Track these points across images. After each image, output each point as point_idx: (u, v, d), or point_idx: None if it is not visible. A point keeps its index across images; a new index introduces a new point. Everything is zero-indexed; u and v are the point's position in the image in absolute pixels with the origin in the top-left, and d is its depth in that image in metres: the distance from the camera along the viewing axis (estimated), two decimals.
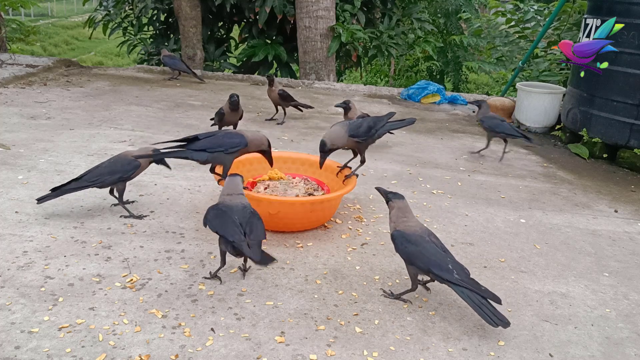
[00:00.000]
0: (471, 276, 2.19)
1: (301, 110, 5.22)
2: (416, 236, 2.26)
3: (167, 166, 3.00)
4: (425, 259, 2.20)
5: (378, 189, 2.56)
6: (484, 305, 2.10)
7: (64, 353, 1.88)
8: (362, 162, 3.24)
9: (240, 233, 2.21)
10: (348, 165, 3.20)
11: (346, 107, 4.31)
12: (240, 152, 2.93)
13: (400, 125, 3.56)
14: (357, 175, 3.13)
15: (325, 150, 3.06)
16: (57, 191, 2.82)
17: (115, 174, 2.83)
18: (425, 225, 2.41)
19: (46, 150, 3.83)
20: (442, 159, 4.39)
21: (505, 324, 2.07)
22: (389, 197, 2.44)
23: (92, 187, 2.86)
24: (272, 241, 2.78)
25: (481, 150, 4.53)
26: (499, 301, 2.12)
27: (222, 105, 4.31)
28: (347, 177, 3.12)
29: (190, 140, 2.89)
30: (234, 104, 4.16)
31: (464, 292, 2.12)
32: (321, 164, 3.12)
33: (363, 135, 3.16)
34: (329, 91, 6.79)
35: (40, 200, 2.80)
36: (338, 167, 3.21)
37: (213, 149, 2.84)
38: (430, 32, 9.65)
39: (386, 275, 2.55)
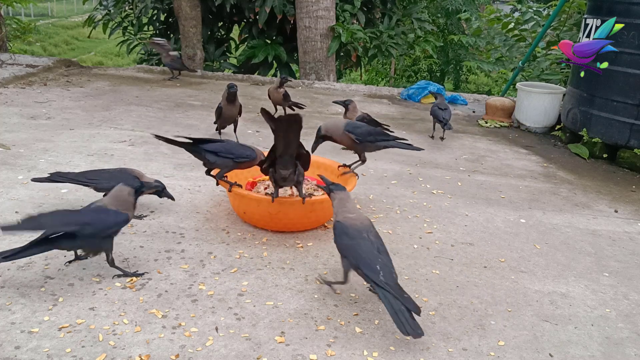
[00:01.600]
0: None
1: (293, 109, 5.22)
2: (354, 230, 2.22)
3: (171, 197, 2.96)
4: (356, 254, 2.15)
5: (321, 176, 2.57)
6: (402, 312, 1.99)
7: (64, 353, 1.88)
8: (363, 161, 3.22)
9: None
10: (350, 165, 3.21)
11: (345, 105, 4.29)
12: (247, 164, 2.94)
13: (406, 148, 3.27)
14: (357, 177, 3.13)
15: (319, 135, 3.11)
16: (54, 176, 2.88)
17: (111, 182, 2.83)
18: (368, 218, 2.33)
19: (46, 150, 3.83)
20: (442, 159, 4.39)
21: (418, 334, 1.95)
22: (331, 188, 2.42)
23: (88, 186, 2.88)
24: (272, 241, 2.78)
25: None
26: (418, 312, 2.01)
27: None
28: (344, 173, 3.12)
29: (199, 141, 2.88)
30: (232, 94, 4.08)
31: (386, 295, 2.03)
32: (313, 148, 3.12)
33: (359, 136, 3.10)
34: (329, 91, 6.79)
35: (36, 180, 2.88)
36: (340, 167, 3.21)
37: (224, 154, 2.84)
38: (430, 32, 9.65)
39: None
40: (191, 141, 2.86)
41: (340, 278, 2.26)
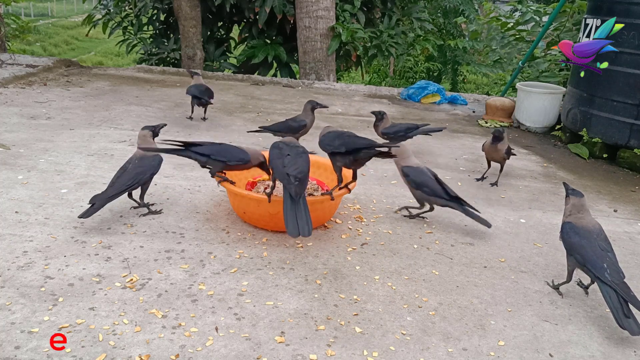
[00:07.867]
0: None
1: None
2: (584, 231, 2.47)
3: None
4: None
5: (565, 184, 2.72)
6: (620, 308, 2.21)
7: (64, 353, 1.88)
8: (339, 181, 2.86)
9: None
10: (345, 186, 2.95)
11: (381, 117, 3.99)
12: (240, 167, 2.92)
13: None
14: (332, 198, 2.86)
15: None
16: (98, 200, 2.72)
17: (147, 172, 2.86)
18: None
19: (46, 150, 3.83)
20: (442, 159, 4.39)
21: (634, 332, 2.14)
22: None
23: (131, 189, 2.85)
24: (272, 241, 2.78)
25: None
26: None
27: (218, 104, 4.25)
28: (324, 193, 2.90)
29: (192, 144, 2.88)
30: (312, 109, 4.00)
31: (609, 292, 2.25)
32: None
33: (329, 150, 2.77)
34: (329, 91, 6.79)
35: (84, 216, 2.68)
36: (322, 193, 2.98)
37: (216, 157, 2.84)
38: (430, 32, 9.66)
39: (386, 275, 2.55)
40: (182, 146, 2.85)
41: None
